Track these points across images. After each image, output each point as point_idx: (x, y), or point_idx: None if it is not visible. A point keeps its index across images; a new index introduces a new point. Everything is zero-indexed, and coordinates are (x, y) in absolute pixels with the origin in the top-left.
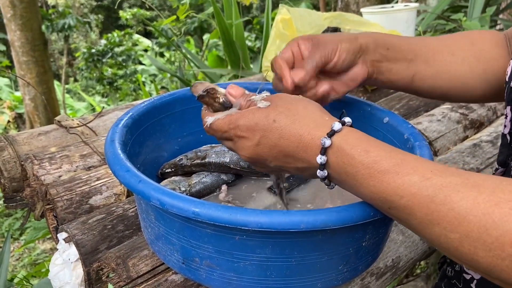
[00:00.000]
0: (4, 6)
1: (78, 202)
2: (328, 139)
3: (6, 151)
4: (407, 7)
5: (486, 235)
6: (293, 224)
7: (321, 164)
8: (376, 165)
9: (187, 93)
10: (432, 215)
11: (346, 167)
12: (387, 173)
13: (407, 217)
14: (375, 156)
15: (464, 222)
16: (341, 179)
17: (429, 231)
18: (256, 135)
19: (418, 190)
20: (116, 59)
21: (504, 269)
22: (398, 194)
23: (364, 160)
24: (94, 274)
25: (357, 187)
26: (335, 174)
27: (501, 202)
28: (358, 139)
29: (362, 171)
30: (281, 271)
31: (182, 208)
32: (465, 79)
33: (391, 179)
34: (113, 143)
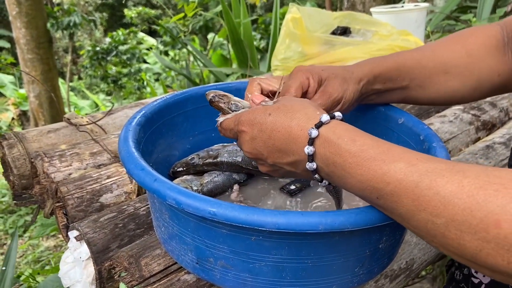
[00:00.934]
0: (9, 4)
1: (89, 200)
2: (316, 129)
3: (15, 148)
4: (417, 7)
5: (471, 217)
6: (311, 225)
7: (309, 155)
8: (362, 153)
9: (199, 92)
10: (418, 201)
11: (334, 157)
12: (373, 160)
13: (394, 205)
14: (361, 145)
15: (449, 205)
16: (329, 170)
17: (416, 219)
18: (254, 129)
19: (404, 176)
20: (121, 58)
21: (490, 253)
22: (385, 181)
23: (351, 149)
24: (105, 272)
25: (346, 178)
26: (323, 165)
27: (485, 185)
28: (345, 130)
29: (350, 160)
30: (296, 273)
31: (198, 207)
32: (457, 93)
33: (377, 166)
34: (127, 141)
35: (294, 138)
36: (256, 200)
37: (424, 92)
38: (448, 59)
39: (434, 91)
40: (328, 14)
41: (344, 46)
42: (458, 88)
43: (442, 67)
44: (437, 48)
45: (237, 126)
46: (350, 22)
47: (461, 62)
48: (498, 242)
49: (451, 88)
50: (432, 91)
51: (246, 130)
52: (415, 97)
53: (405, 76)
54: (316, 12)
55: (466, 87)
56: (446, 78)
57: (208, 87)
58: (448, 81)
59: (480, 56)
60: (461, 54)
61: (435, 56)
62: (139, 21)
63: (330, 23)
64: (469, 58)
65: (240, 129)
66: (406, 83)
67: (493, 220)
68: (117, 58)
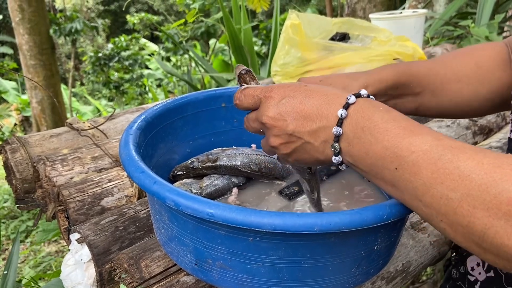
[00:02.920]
0: (12, 10)
1: (90, 203)
2: (353, 97)
3: (18, 153)
4: (415, 13)
5: (486, 193)
6: (307, 226)
7: (340, 118)
8: (394, 121)
9: (199, 97)
10: (438, 173)
11: (365, 122)
12: (403, 129)
13: (412, 177)
14: (394, 115)
15: (466, 180)
16: (355, 136)
17: (431, 193)
18: (285, 93)
19: (429, 147)
20: (123, 63)
21: (498, 231)
22: (410, 150)
23: (385, 116)
24: (106, 274)
25: (370, 144)
26: (350, 131)
27: (504, 164)
28: (380, 103)
29: (380, 125)
30: (293, 273)
31: (197, 209)
32: (469, 102)
33: (406, 135)
34: (128, 145)
35: (328, 101)
36: (255, 203)
37: (437, 100)
38: (458, 69)
39: (447, 100)
40: (327, 20)
41: (342, 52)
42: (470, 98)
43: (453, 76)
44: (447, 59)
45: (265, 93)
46: (349, 28)
47: (471, 72)
48: (508, 219)
49: (464, 98)
50: (445, 99)
51: (275, 95)
52: (428, 106)
53: (417, 83)
54: (315, 18)
55: (478, 98)
56: (458, 87)
57: (206, 92)
58: (461, 89)
59: (489, 68)
60: (471, 66)
61: (446, 66)
62: (141, 27)
63: (329, 29)
64: (479, 70)
65: (267, 95)
66: (419, 90)
67: (507, 198)
68: (119, 64)
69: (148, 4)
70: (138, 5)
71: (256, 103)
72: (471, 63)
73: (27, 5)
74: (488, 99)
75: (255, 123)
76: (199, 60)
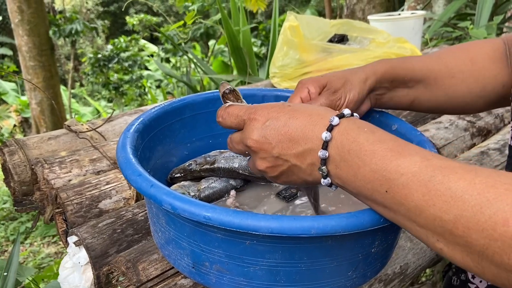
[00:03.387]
0: (12, 11)
1: (88, 206)
2: (337, 118)
3: (16, 155)
4: (414, 14)
5: (480, 213)
6: (304, 230)
7: (325, 141)
8: (380, 143)
9: (196, 99)
10: (429, 195)
11: (350, 144)
12: (390, 151)
13: (403, 200)
14: (380, 136)
15: (459, 201)
16: (341, 159)
17: (424, 216)
18: (269, 115)
19: (419, 169)
20: (122, 64)
21: (496, 251)
22: (399, 172)
23: (370, 138)
24: (104, 277)
25: (358, 167)
26: (336, 154)
27: (496, 184)
28: (365, 123)
29: (367, 147)
30: (290, 276)
31: (193, 212)
32: (463, 98)
33: (393, 157)
34: (125, 148)
35: (312, 124)
36: (252, 205)
37: (431, 94)
38: (453, 65)
39: (442, 95)
40: (325, 22)
41: (341, 54)
42: (464, 93)
43: (447, 71)
44: (443, 55)
45: (249, 114)
46: (347, 30)
47: (466, 68)
48: (505, 241)
49: (458, 93)
50: (439, 94)
51: (259, 117)
52: (423, 100)
53: (411, 76)
54: (313, 20)
55: (472, 94)
56: (452, 82)
57: (204, 94)
58: (455, 85)
59: (484, 64)
60: (465, 62)
61: (440, 61)
62: (140, 28)
63: (328, 31)
64: (473, 66)
65: (251, 117)
66: (413, 83)
67: (502, 218)
68: (119, 65)
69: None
70: (137, 6)
71: (239, 124)
72: (466, 59)
73: (27, 6)
74: (482, 96)
75: (239, 145)
76: (198, 61)
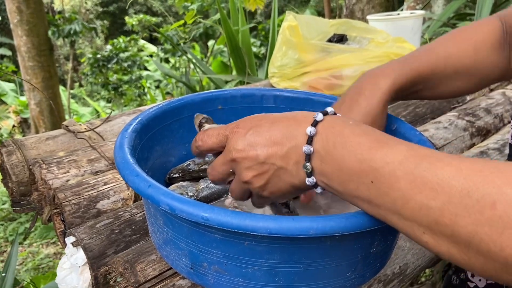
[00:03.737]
0: (11, 12)
1: (86, 206)
2: (321, 114)
3: (14, 155)
4: (413, 14)
5: (467, 198)
6: (302, 230)
7: (310, 136)
8: (366, 135)
9: (195, 99)
10: (415, 182)
11: (335, 137)
12: (376, 141)
13: (389, 189)
14: (365, 129)
15: (446, 187)
16: (326, 153)
17: (410, 206)
18: (250, 124)
19: (405, 158)
20: (121, 65)
21: (483, 238)
22: (385, 161)
23: (355, 130)
24: (101, 278)
25: (343, 159)
26: (321, 147)
27: (483, 168)
28: (349, 118)
29: (352, 138)
30: (289, 277)
31: (191, 213)
32: (460, 89)
33: (379, 147)
34: (122, 148)
35: (296, 123)
36: (251, 206)
37: (432, 92)
38: (459, 62)
39: (441, 91)
40: (324, 22)
41: (340, 53)
42: (462, 86)
43: (453, 71)
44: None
45: (231, 128)
46: (346, 30)
47: (470, 61)
48: (492, 224)
49: (456, 88)
50: (439, 91)
51: (241, 129)
52: (422, 96)
53: (419, 84)
54: (312, 19)
55: (469, 85)
56: (454, 79)
57: (203, 94)
58: (456, 79)
59: (487, 53)
60: (470, 53)
61: (447, 61)
62: (140, 29)
63: (327, 31)
64: (477, 56)
65: (234, 130)
66: (419, 87)
67: (489, 201)
68: (118, 65)
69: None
70: (137, 7)
71: (221, 141)
72: (470, 51)
73: (25, 6)
74: (478, 84)
75: (223, 166)
76: (197, 61)
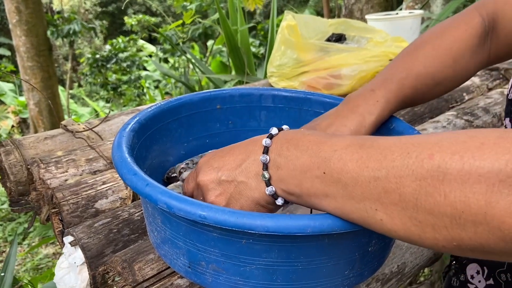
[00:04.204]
0: (9, 12)
1: (84, 206)
2: (275, 129)
3: (12, 155)
4: (411, 14)
5: (407, 158)
6: (300, 228)
7: (265, 147)
8: (316, 136)
9: (193, 98)
10: (361, 159)
11: (288, 143)
12: (326, 138)
13: (339, 175)
14: (317, 132)
15: (388, 154)
16: (281, 156)
17: (359, 184)
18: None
19: (350, 142)
20: (121, 65)
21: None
22: (333, 149)
23: (307, 132)
24: (99, 277)
25: (296, 158)
26: (276, 154)
27: (420, 136)
28: (299, 129)
29: (303, 139)
30: (287, 276)
31: (189, 211)
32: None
33: (328, 141)
34: (120, 147)
35: (254, 141)
36: None
37: (412, 102)
38: (440, 77)
39: (420, 100)
40: (323, 21)
41: (339, 53)
42: (443, 90)
43: (433, 84)
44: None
45: (198, 165)
46: (345, 29)
47: (450, 71)
48: (433, 175)
49: (436, 95)
50: (418, 101)
51: (205, 159)
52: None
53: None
54: (311, 19)
55: (450, 88)
56: (435, 89)
57: (201, 94)
58: (437, 89)
59: (466, 61)
60: (449, 63)
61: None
62: (139, 29)
63: (325, 30)
64: (456, 65)
65: (198, 166)
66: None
67: (427, 155)
68: (117, 66)
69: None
70: (136, 7)
71: (194, 178)
72: (449, 62)
73: (24, 6)
74: (458, 85)
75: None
76: (196, 61)
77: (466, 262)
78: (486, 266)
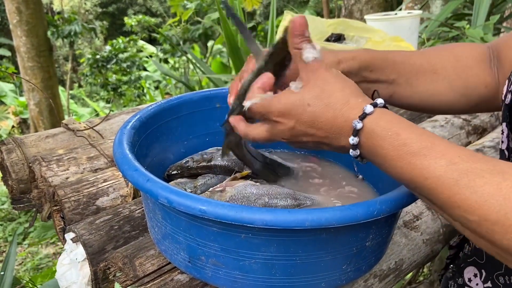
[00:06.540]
0: (10, 12)
1: (85, 203)
2: (360, 122)
3: (14, 153)
4: (410, 14)
5: (504, 218)
6: (298, 222)
7: (353, 145)
8: (405, 147)
9: (193, 97)
10: (454, 198)
11: (376, 149)
12: (415, 155)
13: (431, 198)
14: (405, 139)
15: (484, 206)
16: (370, 158)
17: (450, 212)
18: (290, 120)
19: (444, 173)
20: (121, 65)
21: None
22: (424, 176)
23: (394, 143)
24: (101, 273)
25: (386, 168)
26: (365, 153)
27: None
28: (389, 122)
29: (391, 153)
30: (285, 270)
31: (189, 206)
32: (445, 96)
33: (418, 161)
34: (121, 144)
35: (338, 128)
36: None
37: (411, 90)
38: (436, 61)
39: (422, 91)
40: (322, 22)
41: None
42: (446, 90)
43: (430, 67)
44: (426, 51)
45: (268, 114)
46: (344, 29)
47: (449, 65)
48: None
49: (439, 90)
50: (419, 89)
51: (282, 121)
52: (403, 95)
53: (392, 69)
54: (310, 19)
55: (453, 91)
56: (434, 78)
57: (201, 93)
58: (436, 80)
59: (467, 63)
60: (449, 58)
61: (423, 56)
62: (139, 29)
63: (325, 30)
64: (457, 63)
65: (272, 119)
66: (394, 76)
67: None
68: (117, 66)
69: (146, 6)
70: (136, 7)
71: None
72: (450, 56)
73: (25, 7)
74: (464, 94)
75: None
76: (197, 62)
77: (464, 266)
78: (484, 269)
